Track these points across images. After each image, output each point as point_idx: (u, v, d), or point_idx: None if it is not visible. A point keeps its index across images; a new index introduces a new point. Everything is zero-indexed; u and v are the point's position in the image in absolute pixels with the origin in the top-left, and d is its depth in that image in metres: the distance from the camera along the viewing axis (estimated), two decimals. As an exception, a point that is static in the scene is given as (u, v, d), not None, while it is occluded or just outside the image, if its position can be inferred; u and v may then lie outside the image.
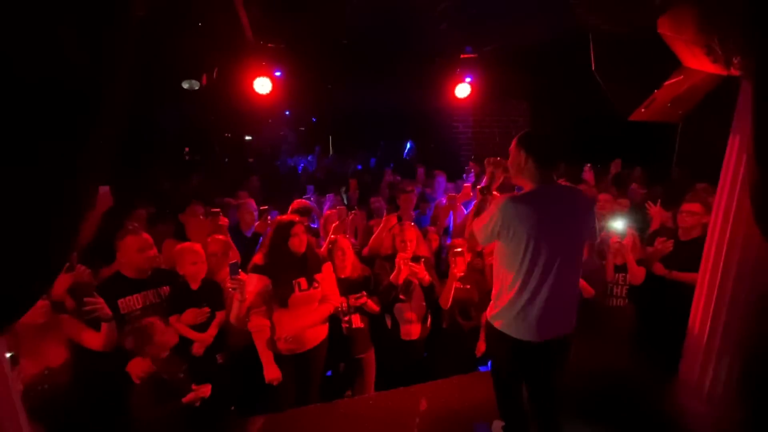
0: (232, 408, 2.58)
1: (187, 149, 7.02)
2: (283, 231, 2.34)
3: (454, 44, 4.10)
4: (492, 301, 2.03)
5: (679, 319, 2.69)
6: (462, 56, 4.25)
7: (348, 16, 3.56)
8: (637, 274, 3.10)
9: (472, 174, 4.33)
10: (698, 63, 2.35)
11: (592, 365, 2.92)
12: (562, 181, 2.07)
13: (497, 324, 1.97)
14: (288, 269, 2.37)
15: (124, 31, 1.00)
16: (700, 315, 2.47)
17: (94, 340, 2.13)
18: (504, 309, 1.93)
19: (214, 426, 2.44)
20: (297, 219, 2.39)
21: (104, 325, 2.09)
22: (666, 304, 3.04)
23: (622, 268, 3.15)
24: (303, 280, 2.40)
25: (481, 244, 2.06)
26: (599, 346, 3.04)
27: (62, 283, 2.24)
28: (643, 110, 2.47)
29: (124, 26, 1.01)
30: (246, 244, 3.17)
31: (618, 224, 3.12)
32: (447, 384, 2.87)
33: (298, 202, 3.15)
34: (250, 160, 6.62)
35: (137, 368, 2.05)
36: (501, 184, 2.22)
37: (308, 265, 2.42)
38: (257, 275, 2.35)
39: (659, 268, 3.21)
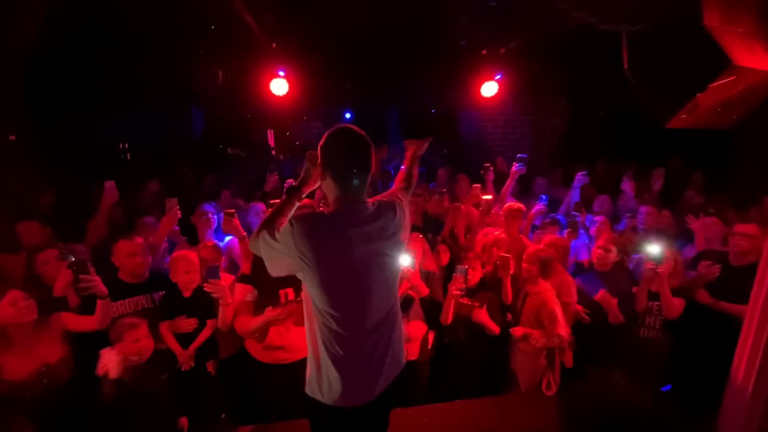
0: (223, 416, 2.56)
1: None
2: None
3: (476, 40, 3.80)
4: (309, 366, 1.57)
5: (723, 358, 2.29)
6: (483, 53, 3.92)
7: (366, 14, 3.41)
8: (672, 308, 2.67)
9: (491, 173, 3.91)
10: (756, 60, 1.96)
11: (610, 401, 2.58)
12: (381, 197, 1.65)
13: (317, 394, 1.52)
14: (273, 279, 2.28)
15: None
16: (746, 359, 2.08)
17: (88, 322, 2.19)
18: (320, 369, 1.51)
19: (204, 432, 2.44)
20: None
21: (99, 302, 2.14)
22: (709, 339, 2.62)
23: (656, 296, 2.75)
24: (291, 290, 2.33)
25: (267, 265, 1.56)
26: (621, 380, 2.69)
27: (64, 278, 2.30)
28: (684, 116, 2.11)
29: None
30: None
31: (654, 249, 2.69)
32: (449, 408, 2.69)
33: None
34: (279, 157, 6.71)
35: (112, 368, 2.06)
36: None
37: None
38: (242, 284, 2.32)
39: (704, 296, 2.77)
